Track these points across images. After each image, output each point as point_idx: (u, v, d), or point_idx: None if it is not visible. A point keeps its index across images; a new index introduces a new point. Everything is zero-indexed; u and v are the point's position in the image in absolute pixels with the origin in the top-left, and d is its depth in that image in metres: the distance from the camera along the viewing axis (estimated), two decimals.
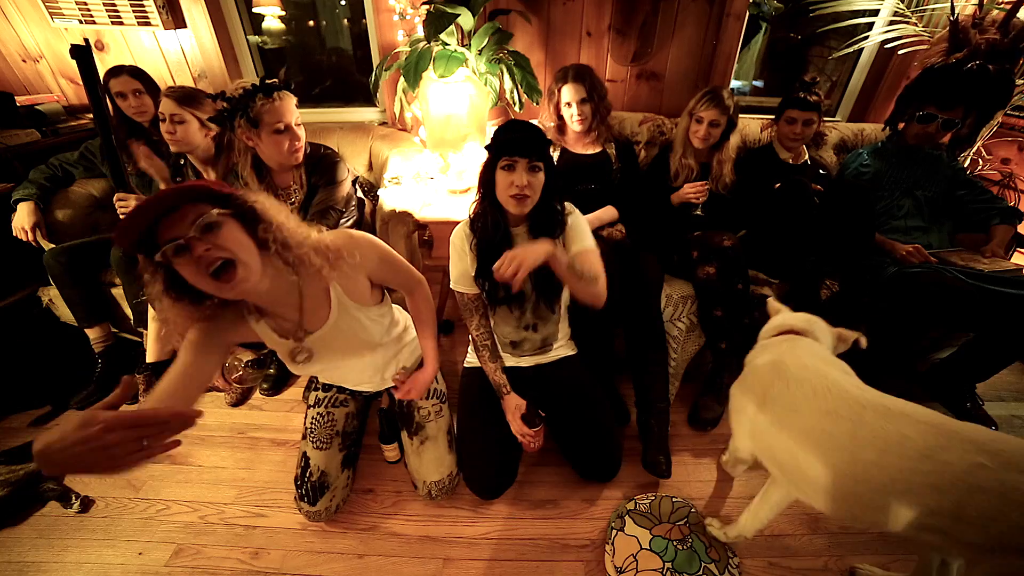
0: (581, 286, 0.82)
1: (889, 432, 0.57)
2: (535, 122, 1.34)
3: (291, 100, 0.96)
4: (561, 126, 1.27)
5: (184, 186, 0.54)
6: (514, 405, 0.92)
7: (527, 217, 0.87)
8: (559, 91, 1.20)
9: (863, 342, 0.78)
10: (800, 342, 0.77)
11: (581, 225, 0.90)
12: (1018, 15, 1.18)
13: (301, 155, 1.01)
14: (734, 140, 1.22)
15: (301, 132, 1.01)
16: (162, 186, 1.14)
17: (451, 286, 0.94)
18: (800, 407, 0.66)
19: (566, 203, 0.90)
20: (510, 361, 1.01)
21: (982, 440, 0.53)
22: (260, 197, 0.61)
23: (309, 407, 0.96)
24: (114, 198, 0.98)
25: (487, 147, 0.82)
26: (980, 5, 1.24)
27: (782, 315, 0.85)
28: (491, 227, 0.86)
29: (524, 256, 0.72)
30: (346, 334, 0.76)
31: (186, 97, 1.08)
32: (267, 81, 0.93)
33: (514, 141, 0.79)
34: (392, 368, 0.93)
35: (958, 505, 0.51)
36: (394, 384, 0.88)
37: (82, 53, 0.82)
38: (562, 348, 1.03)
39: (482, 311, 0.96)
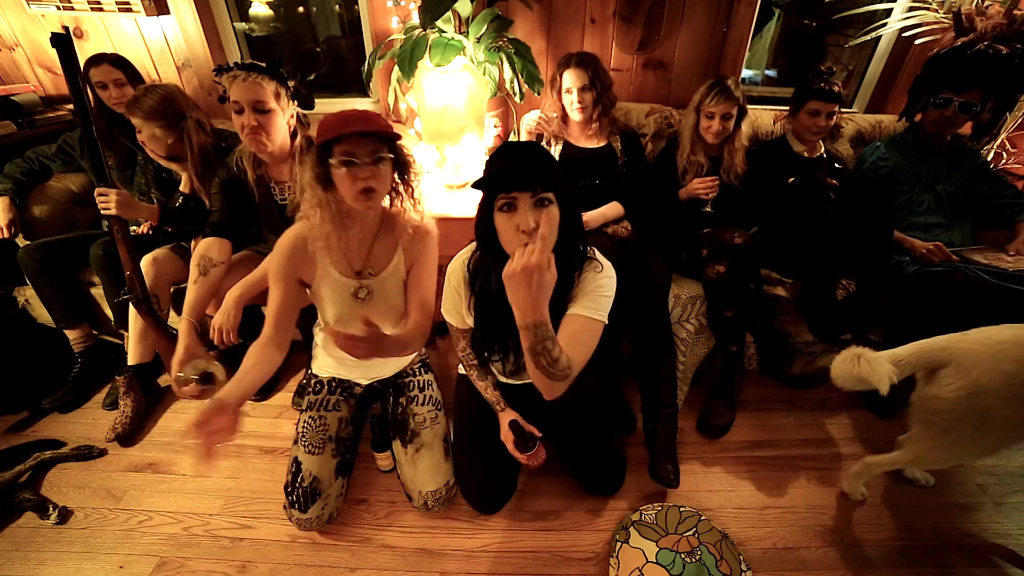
0: (539, 377, 0.62)
1: None
2: (534, 116, 1.28)
3: (264, 84, 0.91)
4: (565, 117, 1.22)
5: (375, 122, 0.70)
6: (507, 425, 0.86)
7: None
8: (561, 76, 1.16)
9: None
10: None
11: (603, 293, 0.70)
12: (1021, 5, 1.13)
13: (264, 145, 0.94)
14: (745, 128, 1.17)
15: (275, 122, 0.93)
16: (193, 176, 1.09)
17: (442, 311, 0.84)
18: None
19: (600, 257, 0.72)
20: (506, 380, 0.95)
21: None
22: (413, 155, 0.78)
23: (301, 411, 0.93)
24: (95, 192, 0.94)
25: (477, 184, 0.64)
26: None
27: None
28: (495, 288, 0.67)
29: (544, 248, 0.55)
30: (392, 291, 0.86)
31: (154, 113, 1.00)
32: (247, 61, 0.91)
33: (509, 172, 0.61)
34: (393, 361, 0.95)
35: None
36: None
37: (63, 42, 0.79)
38: None
39: (469, 337, 0.86)
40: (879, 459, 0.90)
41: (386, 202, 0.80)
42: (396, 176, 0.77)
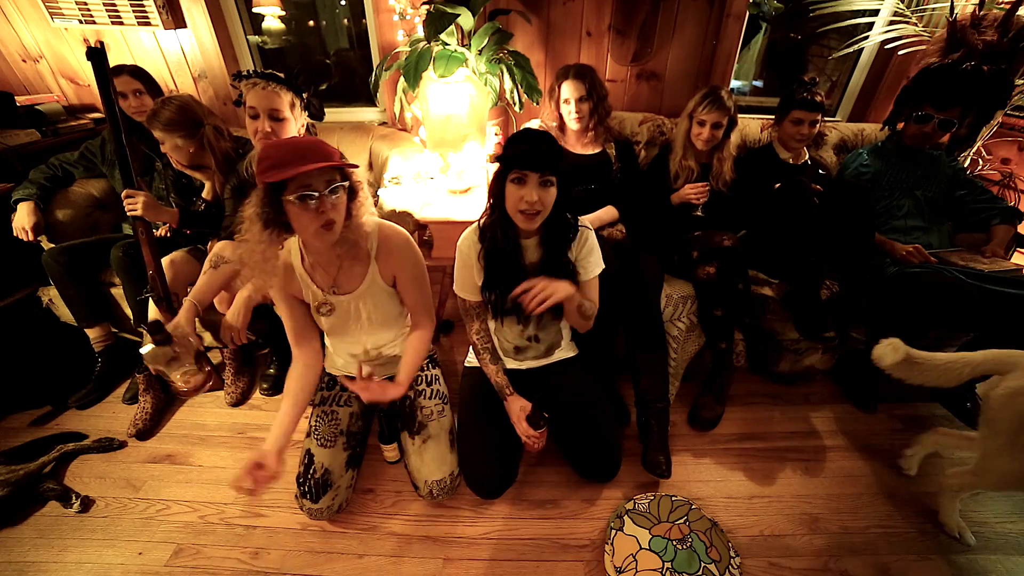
0: (579, 321, 0.88)
1: None
2: (537, 123, 1.34)
3: (281, 94, 0.96)
4: (563, 125, 1.27)
5: (327, 152, 0.67)
6: (518, 407, 0.92)
7: (538, 229, 0.86)
8: (559, 87, 1.21)
9: None
10: None
11: (597, 251, 0.89)
12: (1019, 14, 1.18)
13: None
14: (734, 138, 1.22)
15: (288, 130, 0.98)
16: (216, 183, 1.14)
17: (455, 290, 0.93)
18: None
19: (581, 220, 0.89)
20: (511, 364, 1.00)
21: None
22: (362, 180, 0.76)
23: (314, 405, 0.96)
24: (123, 195, 0.99)
25: (498, 157, 0.80)
26: (980, 4, 1.23)
27: None
28: (500, 239, 0.84)
29: (553, 291, 0.78)
30: (369, 305, 0.87)
31: (172, 124, 1.05)
32: (267, 71, 0.97)
33: (526, 154, 0.75)
34: (392, 350, 0.97)
35: None
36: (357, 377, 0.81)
37: (97, 56, 0.85)
38: (564, 350, 1.02)
39: (483, 317, 0.95)
40: (957, 471, 0.87)
41: None
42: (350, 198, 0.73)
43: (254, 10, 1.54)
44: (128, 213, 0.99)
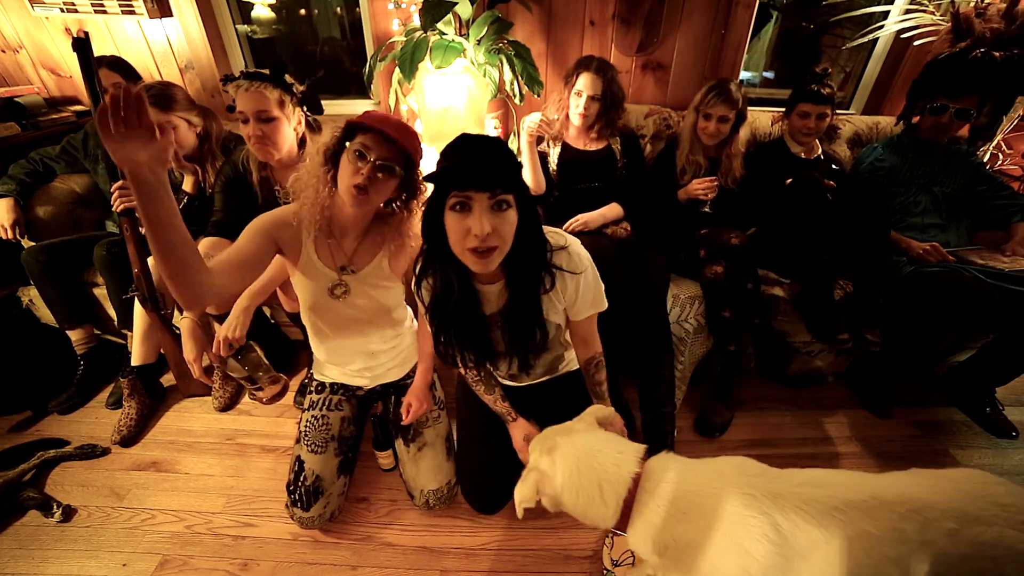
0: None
1: None
2: (535, 118, 1.25)
3: (267, 93, 0.89)
4: (568, 116, 1.23)
5: (406, 136, 0.71)
6: (522, 435, 0.85)
7: (502, 270, 0.63)
8: (576, 77, 1.15)
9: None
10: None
11: (594, 289, 0.71)
12: (1021, 4, 1.14)
13: (271, 154, 0.93)
14: (744, 133, 1.19)
15: (280, 130, 0.92)
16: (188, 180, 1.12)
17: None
18: None
19: (573, 250, 0.66)
20: (508, 383, 0.93)
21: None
22: (425, 187, 0.76)
23: (304, 410, 0.93)
24: (117, 187, 0.95)
25: (428, 177, 0.57)
26: None
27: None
28: (443, 290, 0.62)
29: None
30: (373, 289, 0.85)
31: (165, 99, 1.02)
32: (251, 70, 0.91)
33: (466, 166, 0.53)
34: (386, 359, 0.95)
35: None
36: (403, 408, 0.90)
37: (82, 46, 0.81)
38: (568, 364, 0.95)
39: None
40: None
41: None
42: (401, 196, 0.77)
43: None
44: (117, 207, 0.94)
